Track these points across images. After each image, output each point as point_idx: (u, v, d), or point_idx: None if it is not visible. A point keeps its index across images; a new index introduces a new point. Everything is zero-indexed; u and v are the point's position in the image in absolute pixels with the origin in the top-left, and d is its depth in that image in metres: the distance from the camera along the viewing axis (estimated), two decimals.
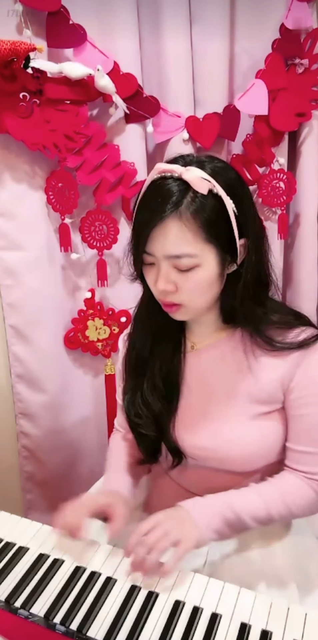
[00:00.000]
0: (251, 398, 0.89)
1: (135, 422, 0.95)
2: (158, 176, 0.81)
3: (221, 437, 0.90)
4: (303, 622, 0.69)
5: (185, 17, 1.33)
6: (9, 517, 0.93)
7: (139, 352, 0.97)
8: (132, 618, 0.71)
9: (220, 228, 0.81)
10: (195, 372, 0.95)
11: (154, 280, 0.84)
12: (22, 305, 1.35)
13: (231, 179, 0.83)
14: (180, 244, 0.79)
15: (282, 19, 1.39)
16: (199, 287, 0.83)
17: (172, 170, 0.80)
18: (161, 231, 0.79)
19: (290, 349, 0.86)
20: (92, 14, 1.25)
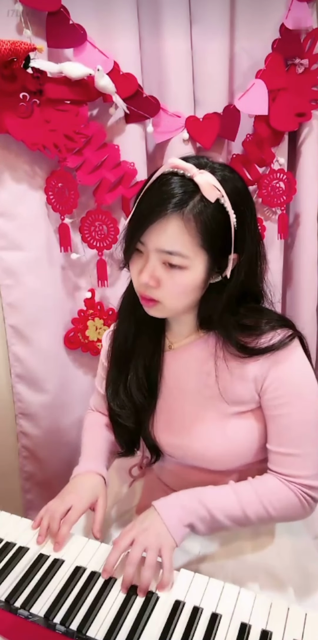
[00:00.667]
0: (224, 398, 0.89)
1: (117, 413, 0.96)
2: (169, 170, 0.81)
3: (195, 436, 0.91)
4: (303, 622, 0.69)
5: (185, 17, 1.33)
6: (9, 517, 0.93)
7: (121, 343, 0.98)
8: (132, 618, 0.71)
9: (218, 238, 0.81)
10: (172, 371, 0.96)
11: (139, 270, 0.84)
12: (22, 305, 1.35)
13: (239, 192, 0.83)
14: (176, 242, 0.79)
15: (282, 19, 1.39)
16: (181, 289, 0.83)
17: (186, 168, 0.80)
18: (161, 225, 0.79)
19: (261, 354, 0.86)
20: (92, 14, 1.25)
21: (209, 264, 0.82)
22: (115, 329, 1.00)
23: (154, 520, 0.81)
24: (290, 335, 0.86)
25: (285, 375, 0.86)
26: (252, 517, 0.85)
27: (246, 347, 0.86)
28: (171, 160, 0.81)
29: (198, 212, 0.79)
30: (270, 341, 0.86)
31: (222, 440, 0.90)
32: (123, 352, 0.98)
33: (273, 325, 0.87)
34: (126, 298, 0.98)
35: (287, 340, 0.86)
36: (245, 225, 0.84)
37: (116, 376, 0.98)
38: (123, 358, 0.98)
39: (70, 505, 0.88)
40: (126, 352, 0.97)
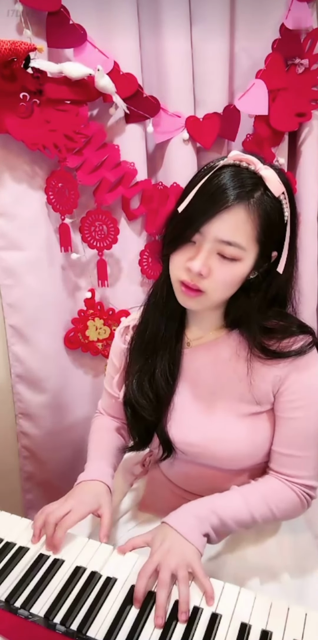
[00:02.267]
0: (242, 398, 0.90)
1: (140, 404, 0.94)
2: (230, 163, 0.82)
3: (210, 435, 0.91)
4: (303, 622, 0.69)
5: (185, 17, 1.33)
6: (9, 517, 0.93)
7: (152, 333, 0.96)
8: (132, 618, 0.71)
9: (275, 233, 0.83)
10: (190, 369, 0.96)
11: (188, 258, 0.82)
12: (22, 305, 1.35)
13: (290, 192, 0.85)
14: (239, 233, 0.80)
15: (282, 19, 1.39)
16: (230, 280, 0.83)
17: (250, 161, 0.81)
18: (226, 215, 0.79)
19: (283, 358, 0.87)
20: (92, 14, 1.25)
21: (258, 259, 0.84)
22: (145, 319, 0.98)
23: (174, 539, 0.79)
24: (311, 343, 0.87)
25: (303, 381, 0.87)
26: (258, 519, 0.86)
27: (268, 349, 0.87)
28: (234, 153, 0.83)
29: (262, 205, 0.80)
30: (291, 346, 0.87)
31: (237, 440, 0.90)
32: (152, 341, 0.96)
33: (295, 330, 0.88)
34: (159, 288, 0.96)
35: (307, 347, 0.87)
36: (295, 224, 0.86)
37: (142, 366, 0.96)
38: (151, 347, 0.96)
39: (68, 509, 0.86)
40: (156, 341, 0.96)
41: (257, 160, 0.81)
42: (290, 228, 0.84)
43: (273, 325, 0.89)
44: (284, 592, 0.87)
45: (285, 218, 0.84)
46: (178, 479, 1.01)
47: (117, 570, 0.79)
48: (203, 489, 0.94)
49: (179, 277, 0.85)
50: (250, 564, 0.90)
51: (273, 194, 0.81)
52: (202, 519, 0.82)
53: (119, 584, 0.77)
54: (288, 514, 0.90)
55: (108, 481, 0.94)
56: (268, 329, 0.88)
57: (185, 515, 0.83)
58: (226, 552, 0.92)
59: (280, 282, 0.88)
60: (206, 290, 0.83)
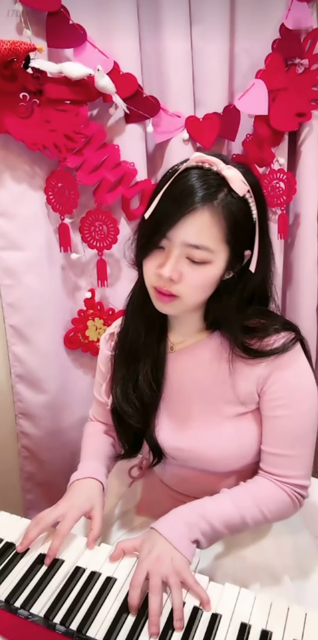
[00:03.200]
0: (227, 399, 0.89)
1: (125, 412, 0.94)
2: (193, 165, 0.81)
3: (198, 438, 0.91)
4: (303, 622, 0.69)
5: (185, 18, 1.33)
6: (9, 517, 0.93)
7: (132, 340, 0.96)
8: (132, 618, 0.71)
9: (242, 233, 0.82)
10: (175, 373, 0.95)
11: (158, 265, 0.82)
12: (22, 305, 1.35)
13: (258, 189, 0.84)
14: (205, 235, 0.79)
15: (282, 19, 1.39)
16: (201, 283, 0.83)
17: (212, 162, 0.80)
18: (190, 218, 0.78)
19: (265, 357, 0.86)
20: (92, 14, 1.25)
21: (229, 260, 0.83)
22: (124, 326, 0.98)
23: (162, 546, 0.78)
24: (293, 339, 0.87)
25: (287, 379, 0.87)
26: (249, 522, 0.85)
27: (250, 348, 0.86)
28: (197, 155, 0.82)
29: (227, 205, 0.79)
30: (273, 344, 0.86)
31: (225, 442, 0.90)
32: (133, 349, 0.96)
33: (277, 328, 0.87)
34: (135, 296, 0.96)
35: (289, 344, 0.86)
36: (264, 222, 0.85)
37: (125, 374, 0.96)
38: (133, 355, 0.96)
39: (59, 515, 0.86)
40: (137, 349, 0.95)
41: (219, 160, 0.81)
42: (259, 226, 0.83)
43: (255, 324, 0.88)
44: (284, 593, 0.86)
45: (253, 217, 0.83)
46: (172, 482, 1.01)
47: (117, 570, 0.79)
48: (197, 491, 0.94)
49: (152, 283, 0.85)
50: (249, 565, 0.90)
51: (238, 193, 0.80)
52: (191, 525, 0.81)
53: (119, 584, 0.77)
54: (280, 515, 0.89)
55: (102, 478, 0.94)
56: (250, 328, 0.88)
57: (173, 522, 0.82)
58: (225, 553, 0.92)
59: (255, 281, 0.87)
60: (180, 294, 0.83)
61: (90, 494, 0.90)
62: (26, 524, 0.90)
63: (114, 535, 1.02)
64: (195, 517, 0.82)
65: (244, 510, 0.84)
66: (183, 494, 0.99)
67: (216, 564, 0.91)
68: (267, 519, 0.87)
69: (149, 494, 1.08)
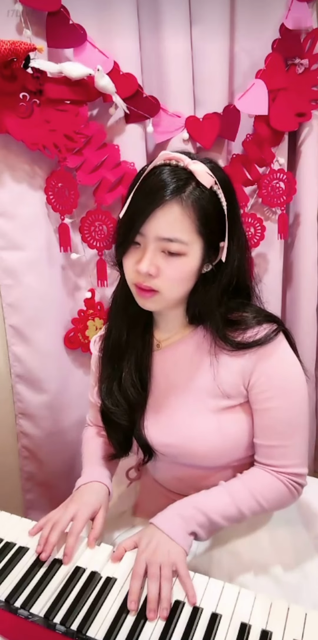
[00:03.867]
0: (213, 393, 0.90)
1: (111, 411, 0.96)
2: (161, 163, 0.84)
3: (185, 433, 0.91)
4: (303, 622, 0.69)
5: (185, 17, 1.33)
6: (9, 517, 0.93)
7: (115, 339, 0.98)
8: (132, 618, 0.71)
9: (214, 223, 0.84)
10: (161, 370, 0.96)
11: (137, 261, 0.85)
12: (22, 305, 1.35)
13: (226, 182, 0.87)
14: (176, 228, 0.82)
15: (282, 19, 1.39)
16: (179, 276, 0.85)
17: (179, 158, 0.83)
18: (160, 212, 0.81)
19: (248, 348, 0.87)
20: (92, 14, 1.25)
21: (205, 251, 0.85)
22: (108, 326, 1.01)
23: (159, 538, 0.80)
24: (275, 330, 0.88)
25: (272, 369, 0.88)
26: (246, 512, 0.86)
27: (232, 340, 0.88)
28: (164, 153, 0.85)
29: (196, 198, 0.82)
30: (256, 335, 0.87)
31: (213, 437, 0.90)
32: (116, 349, 0.98)
33: (259, 320, 0.89)
34: (118, 295, 0.98)
35: (272, 334, 0.87)
36: (234, 212, 0.88)
37: (110, 373, 0.98)
38: (117, 354, 0.98)
39: (72, 514, 0.86)
40: (120, 348, 0.97)
41: (185, 156, 0.84)
42: (229, 217, 0.86)
43: (237, 317, 0.90)
44: (279, 589, 0.87)
45: (223, 207, 0.85)
46: (164, 481, 1.02)
47: (117, 570, 0.80)
48: (189, 487, 0.94)
49: (133, 280, 0.87)
50: (243, 560, 0.90)
51: (205, 185, 0.82)
52: (188, 518, 0.83)
53: (119, 584, 0.77)
54: (278, 504, 0.90)
55: (107, 482, 0.95)
56: (232, 321, 0.89)
57: (171, 515, 0.84)
58: (219, 549, 0.92)
59: (231, 270, 0.89)
60: (159, 289, 0.85)
61: (98, 494, 0.91)
62: (26, 523, 0.90)
63: (112, 536, 1.02)
64: (190, 509, 0.84)
65: (240, 501, 0.86)
66: (177, 492, 0.99)
67: (210, 560, 0.91)
68: (264, 508, 0.88)
69: (145, 495, 1.08)
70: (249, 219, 1.50)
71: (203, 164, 0.85)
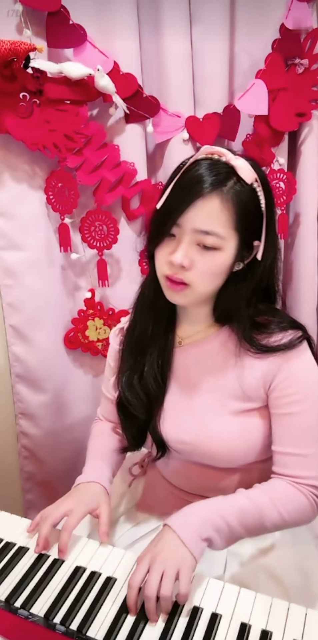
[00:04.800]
0: (233, 395, 0.90)
1: (130, 403, 0.95)
2: (204, 156, 0.84)
3: (202, 432, 0.91)
4: (303, 622, 0.69)
5: (185, 17, 1.33)
6: (9, 517, 0.93)
7: (140, 332, 0.97)
8: (132, 618, 0.71)
9: (251, 221, 0.84)
10: (182, 367, 0.96)
11: (170, 252, 0.84)
12: (22, 305, 1.35)
13: (265, 181, 0.87)
14: (215, 221, 0.81)
15: (282, 19, 1.39)
16: (212, 270, 0.84)
17: (221, 153, 0.83)
18: (200, 204, 0.81)
19: (273, 352, 0.87)
20: (92, 14, 1.25)
21: (238, 248, 0.85)
22: (133, 319, 1.00)
23: (169, 539, 0.76)
24: (300, 337, 0.88)
25: (294, 374, 0.87)
26: (268, 524, 0.82)
27: (258, 343, 0.87)
28: (205, 147, 0.85)
29: (236, 193, 0.82)
30: (280, 340, 0.87)
31: (231, 438, 0.89)
32: (141, 341, 0.97)
33: (285, 326, 0.88)
34: (146, 288, 0.98)
35: (296, 341, 0.87)
36: (272, 212, 0.87)
37: (132, 364, 0.97)
38: (141, 346, 0.97)
39: (66, 510, 0.86)
40: (144, 341, 0.96)
41: (227, 151, 0.84)
42: (267, 216, 0.86)
43: (263, 321, 0.89)
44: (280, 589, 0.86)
45: (261, 205, 0.85)
46: (174, 478, 1.01)
47: (117, 570, 0.79)
48: (199, 487, 0.94)
49: (164, 272, 0.86)
50: (248, 566, 0.90)
51: (246, 181, 0.82)
52: (204, 520, 0.78)
53: (119, 584, 0.77)
54: (299, 518, 0.85)
55: (106, 484, 0.94)
56: (259, 323, 0.89)
57: (186, 517, 0.79)
58: (223, 552, 0.91)
59: (263, 271, 0.88)
60: (191, 282, 0.84)
61: (95, 494, 0.91)
62: (26, 523, 0.90)
63: (116, 533, 1.02)
64: (208, 511, 0.80)
65: (262, 510, 0.81)
66: (185, 490, 0.99)
67: (214, 563, 0.91)
68: (285, 520, 0.83)
69: (150, 492, 1.08)
70: None
71: (246, 159, 0.84)
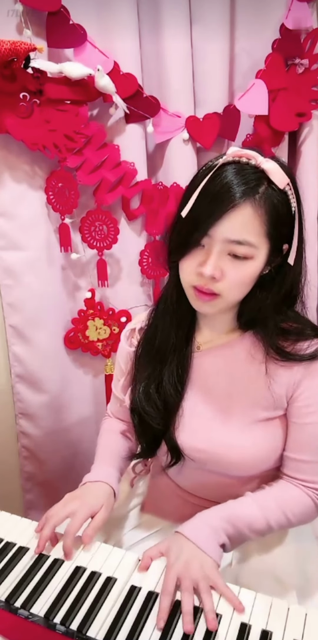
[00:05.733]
0: (254, 403, 0.88)
1: (146, 412, 0.92)
2: (232, 159, 0.79)
3: (220, 441, 0.89)
4: (303, 622, 0.69)
5: (185, 17, 1.33)
6: (9, 517, 0.93)
7: (161, 340, 0.94)
8: (132, 618, 0.71)
9: (283, 226, 0.81)
10: (200, 373, 0.93)
11: (199, 263, 0.80)
12: (22, 305, 1.35)
13: (295, 183, 0.83)
14: (247, 230, 0.77)
15: (282, 19, 1.39)
16: (244, 279, 0.81)
17: (250, 156, 0.79)
18: (233, 214, 0.76)
19: (299, 361, 0.85)
20: (92, 14, 1.25)
21: (270, 254, 0.81)
22: (153, 326, 0.96)
23: (190, 550, 0.77)
24: None
25: (317, 386, 0.86)
26: (274, 526, 0.84)
27: (283, 350, 0.85)
28: (233, 149, 0.80)
29: (268, 199, 0.78)
30: (306, 350, 0.85)
31: (247, 447, 0.88)
32: (162, 350, 0.93)
33: (309, 333, 0.87)
34: (169, 295, 0.93)
35: None
36: (301, 214, 0.84)
37: (150, 374, 0.94)
38: (160, 356, 0.93)
39: (69, 511, 0.85)
40: (166, 350, 0.93)
41: (257, 154, 0.79)
42: (301, 217, 0.82)
43: (288, 327, 0.87)
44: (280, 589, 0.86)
45: (293, 209, 0.81)
46: (185, 484, 0.99)
47: (117, 570, 0.79)
48: (210, 494, 0.93)
49: (191, 283, 0.83)
50: (252, 568, 0.90)
51: (278, 186, 0.78)
52: (218, 529, 0.80)
53: (119, 584, 0.77)
54: (304, 519, 0.88)
55: (113, 483, 0.93)
56: (283, 329, 0.87)
57: (200, 526, 0.81)
58: (227, 556, 0.91)
59: (294, 275, 0.85)
60: (221, 292, 0.81)
61: (101, 494, 0.89)
62: (26, 523, 0.90)
63: (120, 532, 1.02)
64: (220, 520, 0.81)
65: (268, 514, 0.84)
66: (194, 495, 0.98)
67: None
68: (291, 522, 0.86)
69: (155, 491, 1.07)
70: None
71: (277, 161, 0.80)
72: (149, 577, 0.78)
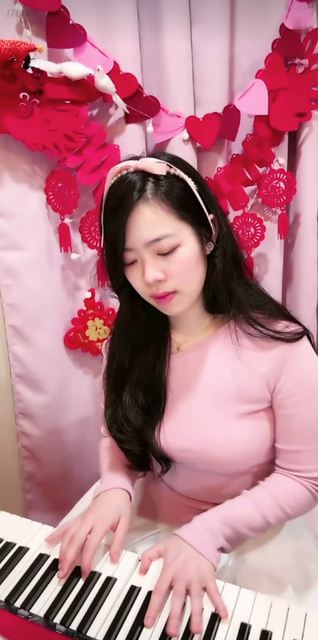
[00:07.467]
0: (237, 397, 0.89)
1: (119, 438, 0.93)
2: (115, 178, 0.83)
3: (208, 439, 0.89)
4: (303, 622, 0.69)
5: (185, 17, 1.33)
6: (9, 517, 0.93)
7: (118, 363, 0.96)
8: (132, 618, 0.71)
9: (189, 203, 0.83)
10: (180, 374, 0.94)
11: (141, 275, 0.84)
12: (22, 305, 1.35)
13: (186, 164, 0.86)
14: (156, 226, 0.80)
15: (282, 19, 1.39)
16: (186, 266, 0.83)
17: (127, 165, 0.83)
18: (134, 221, 0.80)
19: (278, 339, 0.86)
20: (92, 14, 1.25)
21: (196, 231, 0.84)
22: (111, 350, 0.98)
23: (188, 552, 0.77)
24: (301, 332, 0.87)
25: (299, 375, 0.87)
26: (272, 521, 0.85)
27: (260, 325, 0.86)
28: (111, 171, 0.84)
29: (161, 190, 0.80)
30: (285, 328, 0.86)
31: (235, 442, 0.88)
32: (120, 374, 0.95)
33: (284, 316, 0.89)
34: (120, 319, 0.97)
35: (299, 335, 0.87)
36: (204, 186, 0.87)
37: (114, 399, 0.95)
38: (119, 379, 0.95)
39: (90, 526, 0.83)
40: (123, 373, 0.95)
41: (130, 160, 0.83)
42: (199, 189, 0.84)
43: (260, 304, 0.89)
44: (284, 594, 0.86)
45: (188, 183, 0.83)
46: (180, 487, 0.99)
47: (117, 570, 0.79)
48: (206, 495, 0.93)
49: (147, 294, 0.86)
50: (249, 567, 0.90)
51: (160, 174, 0.81)
52: (216, 532, 0.81)
53: (119, 584, 0.77)
54: (301, 510, 0.89)
55: (129, 488, 0.92)
56: (256, 305, 0.89)
57: (199, 530, 0.81)
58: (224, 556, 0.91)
59: (230, 238, 0.88)
60: (175, 288, 0.84)
61: (118, 504, 0.88)
62: (26, 523, 0.90)
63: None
64: (218, 523, 0.82)
65: (266, 510, 0.84)
66: (190, 497, 0.97)
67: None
68: (289, 515, 0.86)
69: (150, 496, 1.07)
70: (249, 219, 1.50)
71: (158, 156, 0.84)
72: (149, 577, 0.78)
